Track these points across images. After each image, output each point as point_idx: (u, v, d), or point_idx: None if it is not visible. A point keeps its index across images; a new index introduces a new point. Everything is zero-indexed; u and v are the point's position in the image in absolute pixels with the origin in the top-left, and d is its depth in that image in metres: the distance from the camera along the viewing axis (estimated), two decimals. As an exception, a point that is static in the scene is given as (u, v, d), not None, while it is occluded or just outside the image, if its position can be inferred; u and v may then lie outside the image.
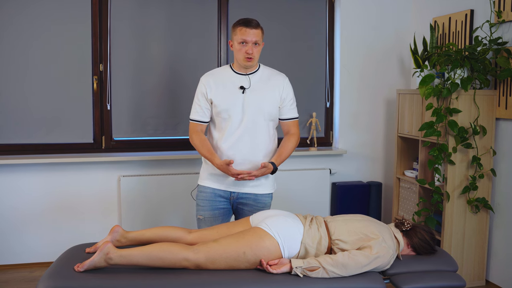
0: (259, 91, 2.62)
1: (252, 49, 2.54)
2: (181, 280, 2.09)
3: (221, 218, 2.68)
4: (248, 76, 2.64)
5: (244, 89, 2.61)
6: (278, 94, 2.65)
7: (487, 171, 3.30)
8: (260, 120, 2.62)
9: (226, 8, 3.98)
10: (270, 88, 2.64)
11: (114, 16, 3.80)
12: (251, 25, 2.53)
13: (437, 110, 3.22)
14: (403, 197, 3.88)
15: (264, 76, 2.67)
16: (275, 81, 2.67)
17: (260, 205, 2.69)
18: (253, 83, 2.63)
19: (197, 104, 2.67)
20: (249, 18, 2.59)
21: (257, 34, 2.55)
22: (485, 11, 3.37)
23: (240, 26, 2.55)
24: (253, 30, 2.54)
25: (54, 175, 3.70)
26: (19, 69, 3.68)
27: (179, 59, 3.95)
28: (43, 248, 3.71)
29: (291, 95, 2.71)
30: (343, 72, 4.17)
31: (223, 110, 2.60)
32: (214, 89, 2.62)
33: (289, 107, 2.71)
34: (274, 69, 2.76)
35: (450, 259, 2.43)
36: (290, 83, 2.72)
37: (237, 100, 2.59)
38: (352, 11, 4.14)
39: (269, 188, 2.73)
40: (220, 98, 2.61)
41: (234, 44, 2.59)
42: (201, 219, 2.69)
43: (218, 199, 2.67)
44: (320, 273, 2.13)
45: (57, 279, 2.08)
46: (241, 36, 2.54)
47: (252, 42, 2.54)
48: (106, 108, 3.83)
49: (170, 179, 3.81)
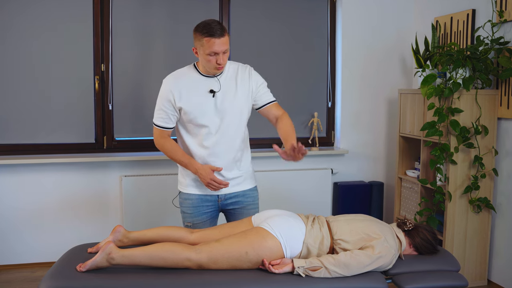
0: (229, 91, 2.49)
1: (221, 58, 2.37)
2: (183, 280, 2.09)
3: (209, 222, 2.62)
4: (216, 78, 2.49)
5: (214, 92, 2.47)
6: (247, 87, 2.53)
7: (489, 171, 3.30)
8: (235, 121, 2.51)
9: (227, 8, 3.98)
10: (239, 84, 2.51)
11: (115, 16, 3.80)
12: (217, 35, 2.32)
13: (439, 110, 3.21)
14: (405, 197, 3.88)
15: (230, 74, 2.52)
16: (241, 75, 2.53)
17: (250, 200, 2.63)
18: (222, 85, 2.48)
19: (162, 110, 2.49)
20: (211, 24, 2.34)
21: (225, 42, 2.35)
22: (487, 10, 3.37)
23: (206, 36, 2.32)
24: (221, 39, 2.33)
25: (56, 175, 3.70)
26: (20, 69, 3.68)
27: (181, 59, 3.95)
28: (45, 248, 3.72)
29: (261, 81, 2.57)
30: (345, 72, 4.17)
31: (195, 117, 2.46)
32: (183, 96, 2.45)
33: (263, 93, 2.57)
34: (238, 62, 2.62)
35: (452, 259, 2.43)
36: (255, 72, 2.58)
37: (209, 105, 2.46)
38: (353, 11, 4.14)
39: (252, 182, 2.67)
40: (191, 105, 2.45)
41: (201, 53, 2.39)
42: (190, 226, 2.62)
43: (205, 204, 2.59)
44: (322, 273, 2.12)
45: (59, 279, 2.07)
46: (209, 49, 2.33)
47: (221, 52, 2.36)
48: (108, 108, 3.84)
49: (171, 179, 3.81)
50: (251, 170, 2.67)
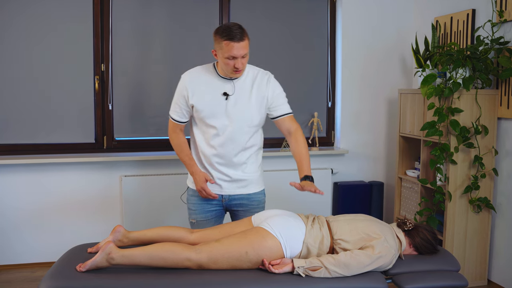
0: (243, 96, 2.48)
1: (240, 63, 2.36)
2: (183, 280, 2.08)
3: (213, 220, 2.64)
4: (232, 81, 2.48)
5: (227, 95, 2.47)
6: (262, 95, 2.50)
7: (489, 171, 3.30)
8: (244, 126, 2.49)
9: (227, 8, 3.98)
10: (255, 91, 2.49)
11: (115, 16, 3.80)
12: (237, 39, 2.30)
13: (439, 109, 3.21)
14: (405, 196, 3.88)
15: (248, 79, 2.50)
16: (259, 81, 2.51)
17: (255, 203, 2.63)
18: (237, 89, 2.47)
19: (177, 104, 2.54)
20: (232, 27, 2.33)
21: (245, 46, 2.34)
22: (487, 10, 3.36)
23: (225, 40, 2.31)
24: (240, 43, 2.32)
25: (56, 175, 3.70)
26: (20, 69, 3.68)
27: (181, 59, 3.95)
28: (45, 248, 3.72)
29: (278, 91, 2.54)
30: (345, 72, 4.17)
31: (205, 116, 2.48)
32: (196, 94, 2.47)
33: (279, 104, 2.54)
34: (259, 68, 2.59)
35: (452, 259, 2.43)
36: (275, 80, 2.57)
37: (220, 108, 2.46)
38: (353, 11, 4.14)
39: (259, 186, 2.65)
40: (202, 105, 2.47)
41: (219, 56, 2.38)
42: (194, 222, 2.65)
43: (210, 202, 2.61)
44: (322, 273, 2.12)
45: (59, 279, 2.07)
46: (228, 53, 2.32)
47: (240, 56, 2.34)
48: (108, 108, 3.83)
49: (171, 179, 3.81)
50: (258, 175, 2.64)
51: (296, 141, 2.54)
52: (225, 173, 2.55)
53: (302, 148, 2.52)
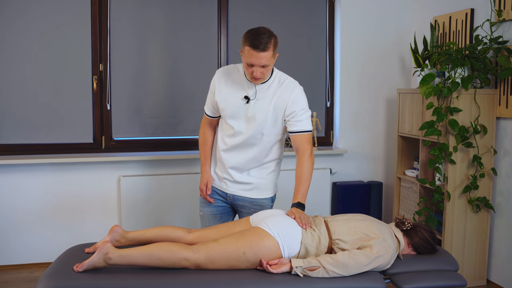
0: (263, 102, 2.42)
1: (258, 72, 2.31)
2: (181, 280, 2.08)
3: (219, 216, 2.66)
4: (256, 86, 2.44)
5: (248, 99, 2.44)
6: (283, 105, 2.41)
7: (487, 170, 3.30)
8: (257, 132, 2.46)
9: (226, 7, 3.97)
10: (276, 99, 2.42)
11: (114, 15, 3.79)
12: (259, 48, 2.24)
13: (438, 109, 3.21)
14: (403, 196, 3.87)
15: (273, 86, 2.44)
16: (283, 90, 2.42)
17: (258, 208, 2.60)
18: (258, 94, 2.43)
19: (208, 99, 2.59)
20: (261, 34, 2.27)
21: (266, 57, 2.26)
22: (486, 10, 3.36)
23: (248, 45, 2.26)
24: (261, 53, 2.25)
25: (54, 175, 3.69)
26: (19, 69, 3.67)
27: (179, 59, 3.94)
28: (43, 249, 3.71)
29: (301, 106, 2.41)
30: (344, 72, 4.17)
31: (225, 116, 2.50)
32: (222, 92, 2.47)
33: (296, 120, 2.42)
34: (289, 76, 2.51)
35: (451, 259, 2.42)
36: (302, 93, 2.45)
37: (240, 110, 2.45)
38: (352, 10, 4.13)
39: (266, 192, 2.60)
40: (225, 104, 2.48)
41: (242, 59, 2.35)
42: (201, 215, 2.70)
43: (217, 197, 2.65)
44: (320, 272, 2.12)
45: (56, 279, 2.07)
46: (248, 59, 2.28)
47: (258, 65, 2.29)
48: (106, 108, 3.83)
49: (170, 179, 3.81)
50: (266, 182, 2.59)
51: (300, 164, 2.42)
52: (230, 173, 2.57)
53: (303, 172, 2.41)
